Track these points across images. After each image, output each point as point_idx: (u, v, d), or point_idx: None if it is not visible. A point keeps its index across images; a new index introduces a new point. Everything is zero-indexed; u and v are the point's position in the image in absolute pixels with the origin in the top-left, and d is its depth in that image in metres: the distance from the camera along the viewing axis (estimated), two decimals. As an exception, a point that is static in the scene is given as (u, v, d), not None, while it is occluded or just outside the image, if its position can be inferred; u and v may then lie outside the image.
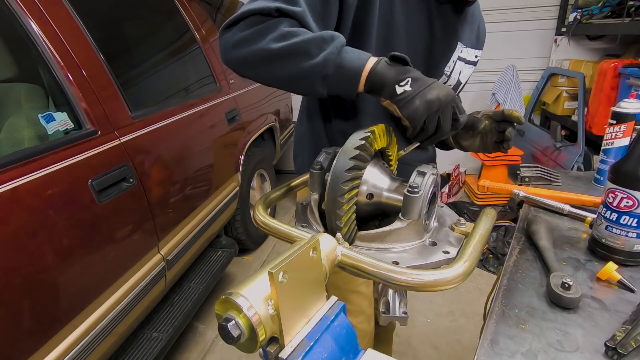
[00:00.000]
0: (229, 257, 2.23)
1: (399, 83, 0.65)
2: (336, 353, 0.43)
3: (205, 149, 1.99)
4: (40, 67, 1.25)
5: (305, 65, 0.67)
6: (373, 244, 0.64)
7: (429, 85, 0.65)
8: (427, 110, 0.64)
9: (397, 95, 0.65)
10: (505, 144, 0.87)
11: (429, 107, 0.64)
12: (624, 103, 1.02)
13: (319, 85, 0.69)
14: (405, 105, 0.65)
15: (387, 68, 0.66)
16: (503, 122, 0.86)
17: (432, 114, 0.65)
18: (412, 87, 0.65)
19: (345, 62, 0.67)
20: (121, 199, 1.35)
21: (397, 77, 0.65)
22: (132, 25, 1.84)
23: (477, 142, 0.91)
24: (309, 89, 0.71)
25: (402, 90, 0.65)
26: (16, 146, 1.15)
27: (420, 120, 0.65)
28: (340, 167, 0.62)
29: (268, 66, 0.69)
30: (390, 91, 0.66)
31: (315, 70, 0.67)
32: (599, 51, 3.17)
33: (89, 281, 1.23)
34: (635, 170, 0.68)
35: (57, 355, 1.09)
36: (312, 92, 0.72)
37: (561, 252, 0.81)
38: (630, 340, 0.54)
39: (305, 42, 0.67)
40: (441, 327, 2.07)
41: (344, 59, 0.67)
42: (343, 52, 0.67)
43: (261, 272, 0.41)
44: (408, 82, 0.65)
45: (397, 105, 0.66)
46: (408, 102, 0.65)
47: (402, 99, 0.65)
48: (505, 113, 0.84)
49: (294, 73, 0.69)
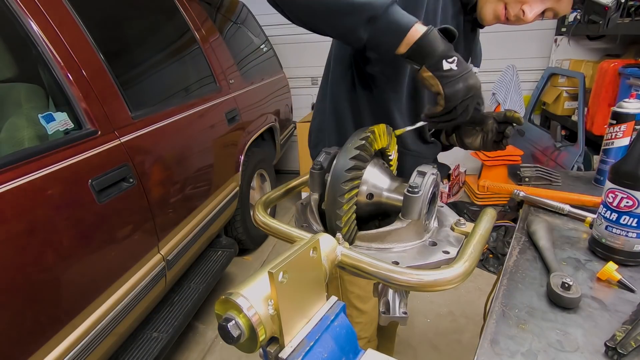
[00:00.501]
0: (229, 257, 2.23)
1: (447, 59, 0.65)
2: (336, 353, 0.43)
3: (205, 149, 1.99)
4: (40, 67, 1.25)
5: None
6: (373, 244, 0.64)
7: (469, 71, 0.66)
8: (465, 94, 0.66)
9: (442, 70, 0.65)
10: (505, 140, 0.93)
11: (468, 91, 0.66)
12: (624, 103, 1.02)
13: (362, 26, 0.66)
14: (449, 84, 0.65)
15: (439, 39, 0.65)
16: (504, 123, 0.93)
17: (467, 99, 0.66)
18: (458, 68, 0.65)
19: (396, 14, 0.66)
20: (121, 199, 1.35)
21: (447, 52, 0.65)
22: (132, 25, 1.83)
23: (478, 140, 0.97)
24: (350, 28, 0.67)
25: (448, 67, 0.65)
26: (16, 146, 1.15)
27: (457, 102, 0.66)
28: (340, 167, 0.62)
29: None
30: (436, 63, 0.65)
31: (365, 8, 0.64)
32: (599, 51, 3.17)
33: (89, 281, 1.23)
34: (635, 170, 0.68)
35: (57, 355, 1.09)
36: (351, 32, 0.68)
37: (561, 252, 0.81)
38: (630, 340, 0.54)
39: None
40: (441, 327, 2.07)
41: (396, 10, 0.66)
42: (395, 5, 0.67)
43: (261, 272, 0.41)
44: (454, 60, 0.65)
45: (441, 80, 0.66)
46: (453, 82, 0.65)
47: (448, 76, 0.65)
48: (507, 115, 0.91)
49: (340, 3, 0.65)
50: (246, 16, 3.10)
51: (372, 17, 0.65)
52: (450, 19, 0.89)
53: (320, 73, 1.02)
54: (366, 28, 0.66)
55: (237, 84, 2.44)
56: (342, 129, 0.98)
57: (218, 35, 2.43)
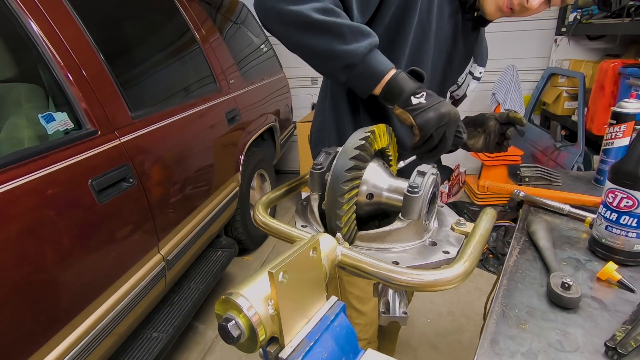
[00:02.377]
0: (229, 257, 2.23)
1: (415, 95, 0.70)
2: (336, 353, 0.43)
3: (205, 149, 1.99)
4: (40, 67, 1.25)
5: (337, 47, 0.69)
6: (373, 244, 0.64)
7: (441, 101, 0.70)
8: (438, 122, 0.69)
9: (411, 105, 0.70)
10: (506, 142, 0.93)
11: (440, 119, 0.69)
12: (624, 103, 1.02)
13: (340, 71, 0.72)
14: (419, 114, 0.69)
15: (407, 80, 0.71)
16: (506, 125, 0.93)
17: (440, 126, 0.69)
18: (427, 100, 0.70)
19: (372, 61, 0.71)
20: (121, 199, 1.35)
21: (414, 90, 0.70)
22: (132, 25, 1.83)
23: (480, 141, 0.97)
24: (330, 71, 0.74)
25: (417, 102, 0.70)
26: (16, 146, 1.15)
27: (431, 130, 0.69)
28: (340, 167, 0.62)
29: (301, 32, 0.71)
30: (405, 100, 0.70)
31: (344, 56, 0.69)
32: (599, 51, 3.17)
33: (89, 281, 1.23)
34: (635, 170, 0.68)
35: (57, 355, 1.09)
36: (330, 74, 0.75)
37: (561, 252, 0.81)
38: (630, 340, 0.54)
39: (345, 26, 0.69)
40: (441, 327, 2.07)
41: (373, 58, 0.71)
42: (374, 52, 0.71)
43: (261, 272, 0.41)
44: (423, 95, 0.70)
45: (411, 113, 0.70)
46: (423, 112, 0.69)
47: (417, 108, 0.70)
48: (510, 116, 0.91)
49: (322, 50, 0.70)
50: (246, 16, 3.10)
51: (349, 65, 0.70)
52: (447, 19, 0.89)
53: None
54: (344, 73, 0.72)
55: (237, 84, 2.44)
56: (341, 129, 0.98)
57: (218, 35, 2.43)
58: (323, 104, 1.03)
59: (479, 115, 0.98)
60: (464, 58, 0.99)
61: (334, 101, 0.99)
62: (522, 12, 0.83)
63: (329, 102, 1.00)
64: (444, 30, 0.90)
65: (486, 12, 0.87)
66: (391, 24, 0.83)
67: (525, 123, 0.91)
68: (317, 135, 1.06)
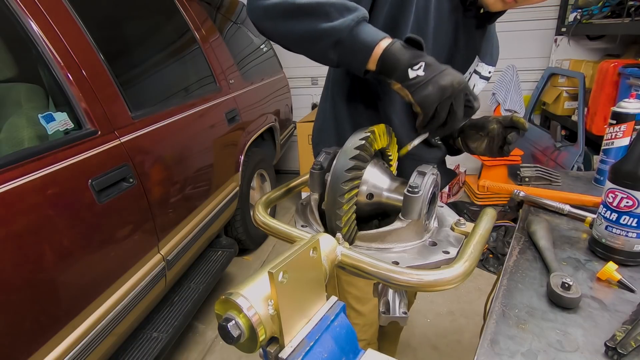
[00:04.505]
0: (229, 257, 2.23)
1: (412, 67, 0.64)
2: (336, 353, 0.43)
3: (205, 149, 1.99)
4: (40, 67, 1.25)
5: (322, 26, 0.67)
6: (373, 244, 0.64)
7: (443, 71, 0.63)
8: (439, 96, 0.63)
9: (409, 80, 0.64)
10: (507, 147, 0.89)
11: (442, 93, 0.63)
12: (624, 103, 1.02)
13: (330, 49, 0.69)
14: (417, 91, 0.64)
15: (402, 50, 0.65)
16: (509, 128, 0.89)
17: (444, 100, 0.63)
18: (426, 72, 0.63)
19: (360, 33, 0.67)
20: (121, 199, 1.35)
21: (411, 61, 0.64)
22: (132, 25, 1.83)
23: (484, 145, 0.94)
24: (320, 53, 0.71)
25: (414, 75, 0.64)
26: (16, 146, 1.14)
27: (433, 107, 0.64)
28: (340, 167, 0.62)
29: (287, 20, 0.69)
30: (402, 74, 0.65)
31: (330, 33, 0.67)
32: (599, 51, 3.17)
33: (89, 281, 1.23)
34: (635, 170, 0.68)
35: (57, 355, 1.09)
36: (323, 56, 0.72)
37: (561, 252, 0.81)
38: (630, 340, 0.54)
39: (329, 4, 0.67)
40: (441, 327, 2.07)
41: (361, 30, 0.67)
42: (362, 24, 0.67)
43: (261, 272, 0.41)
44: (421, 66, 0.63)
45: (409, 89, 0.65)
46: (420, 87, 0.63)
47: (415, 83, 0.64)
48: (513, 119, 0.87)
49: (309, 32, 0.68)
50: (246, 16, 3.10)
51: (337, 41, 0.67)
52: (447, 17, 0.85)
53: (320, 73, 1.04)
54: (334, 51, 0.69)
55: (237, 84, 2.44)
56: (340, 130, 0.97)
57: (218, 35, 2.43)
58: (324, 104, 1.02)
59: (481, 118, 0.95)
60: (467, 57, 0.95)
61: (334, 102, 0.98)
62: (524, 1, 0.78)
63: (329, 102, 0.99)
64: (444, 28, 0.86)
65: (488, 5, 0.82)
66: (386, 23, 0.80)
67: (527, 128, 0.88)
68: (317, 135, 1.06)
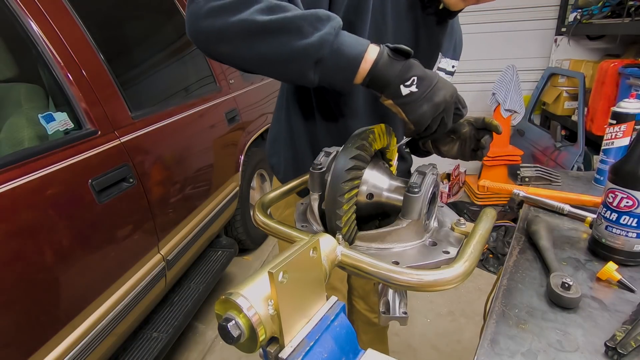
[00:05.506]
0: (229, 257, 2.23)
1: (404, 83, 0.60)
2: (336, 353, 0.43)
3: (205, 149, 1.99)
4: (40, 67, 1.25)
5: (297, 44, 0.59)
6: (373, 244, 0.64)
7: (435, 85, 0.61)
8: (434, 112, 0.62)
9: (402, 97, 0.61)
10: (480, 152, 0.86)
11: (436, 109, 0.61)
12: (624, 103, 1.02)
13: (310, 69, 0.61)
14: (412, 110, 0.61)
15: (391, 64, 0.60)
16: (482, 130, 0.85)
17: (437, 115, 0.63)
18: (419, 89, 0.60)
19: (343, 47, 0.60)
20: (121, 199, 1.35)
21: (402, 76, 0.60)
22: (132, 25, 1.83)
23: (455, 148, 0.90)
24: (298, 74, 0.62)
25: (407, 92, 0.60)
26: (16, 146, 1.15)
27: (427, 123, 0.63)
28: (341, 167, 0.62)
29: (251, 41, 0.60)
30: (394, 91, 0.61)
31: (309, 52, 0.59)
32: (599, 51, 3.17)
33: (89, 281, 1.23)
34: (635, 170, 0.68)
35: (57, 355, 1.09)
36: (300, 77, 0.63)
37: (561, 252, 0.81)
38: (630, 340, 0.54)
39: (299, 18, 0.59)
40: (441, 327, 2.07)
41: (342, 42, 0.60)
42: (340, 35, 0.61)
43: (261, 272, 0.41)
44: (414, 81, 0.60)
45: (403, 108, 0.62)
46: (415, 106, 0.61)
47: (409, 102, 0.61)
48: (486, 121, 0.83)
49: (282, 52, 0.60)
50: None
51: (318, 60, 0.60)
52: (405, 15, 0.81)
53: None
54: (315, 71, 0.61)
55: (237, 84, 2.44)
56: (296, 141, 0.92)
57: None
58: (279, 112, 0.97)
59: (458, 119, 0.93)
60: (430, 55, 0.90)
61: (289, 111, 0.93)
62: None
63: (284, 111, 0.94)
64: (403, 28, 0.81)
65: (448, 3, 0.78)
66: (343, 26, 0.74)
67: (501, 131, 0.83)
68: (271, 146, 1.01)
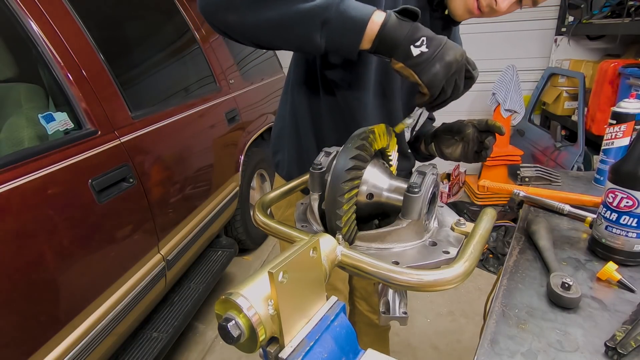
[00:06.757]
0: (229, 257, 2.23)
1: (414, 43, 0.59)
2: (336, 353, 0.43)
3: (205, 149, 1.99)
4: (40, 67, 1.25)
5: (303, 6, 0.58)
6: (373, 244, 0.64)
7: (445, 45, 0.60)
8: (446, 73, 0.60)
9: (413, 58, 0.60)
10: (484, 152, 0.87)
11: (448, 69, 0.60)
12: (624, 103, 1.02)
13: (316, 32, 0.60)
14: (424, 70, 0.60)
15: (399, 25, 0.59)
16: (485, 132, 0.86)
17: (451, 76, 0.61)
18: (429, 48, 0.59)
19: (349, 9, 0.59)
20: (121, 199, 1.35)
21: (412, 36, 0.59)
22: (132, 25, 1.83)
23: (458, 150, 0.91)
24: (304, 38, 0.62)
25: (418, 52, 0.59)
26: (16, 146, 1.15)
27: (440, 85, 0.61)
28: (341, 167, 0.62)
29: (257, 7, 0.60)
30: (404, 52, 0.60)
31: (315, 12, 0.58)
32: (599, 51, 3.17)
33: (89, 281, 1.23)
34: (635, 170, 0.68)
35: (57, 355, 1.09)
36: (307, 42, 0.62)
37: (561, 252, 0.81)
38: (630, 340, 0.54)
39: None
40: (441, 327, 2.07)
41: (348, 5, 0.60)
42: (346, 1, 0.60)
43: (261, 272, 0.41)
44: (423, 41, 0.59)
45: (415, 69, 0.60)
46: (427, 66, 0.59)
47: (421, 62, 0.59)
48: (489, 123, 0.84)
49: (288, 15, 0.59)
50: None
51: (324, 21, 0.59)
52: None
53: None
54: (321, 33, 0.61)
55: (237, 84, 2.44)
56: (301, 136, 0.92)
57: (218, 35, 2.43)
58: (283, 109, 0.97)
59: (456, 122, 0.91)
60: None
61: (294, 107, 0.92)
62: (491, 13, 0.77)
63: (289, 106, 0.94)
64: None
65: (454, 13, 0.81)
66: None
67: (504, 132, 0.84)
68: (276, 142, 1.00)
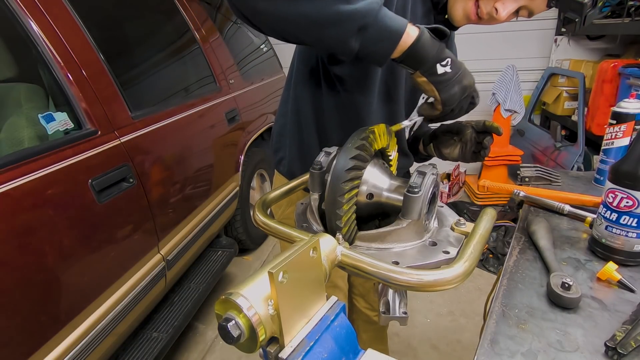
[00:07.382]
0: (229, 257, 2.23)
1: (440, 62, 0.63)
2: (336, 353, 0.43)
3: (205, 149, 1.99)
4: (40, 67, 1.25)
5: (344, 8, 0.58)
6: (373, 244, 0.64)
7: (463, 70, 0.66)
8: (461, 95, 0.66)
9: (437, 75, 0.64)
10: (483, 152, 0.89)
11: (463, 92, 0.66)
12: (624, 103, 1.02)
13: (352, 37, 0.61)
14: (445, 89, 0.65)
15: (431, 42, 0.63)
16: (483, 133, 0.89)
17: (463, 99, 0.67)
18: (452, 69, 0.64)
19: (386, 18, 0.61)
20: (121, 199, 1.35)
21: (439, 55, 0.63)
22: (132, 25, 1.83)
23: (457, 150, 0.93)
24: (338, 39, 0.61)
25: (443, 71, 0.63)
26: (16, 146, 1.15)
27: (454, 104, 0.66)
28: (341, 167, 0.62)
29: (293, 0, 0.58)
30: (430, 69, 0.64)
31: (355, 17, 0.59)
32: (599, 51, 3.17)
33: (89, 281, 1.23)
34: (635, 170, 0.68)
35: (57, 355, 1.09)
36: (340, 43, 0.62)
37: (561, 252, 0.81)
38: (630, 340, 0.54)
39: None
40: (441, 327, 2.07)
41: (385, 14, 0.61)
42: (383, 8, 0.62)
43: (261, 272, 0.41)
44: (448, 62, 0.63)
45: (437, 86, 0.65)
46: (448, 86, 0.64)
47: (443, 80, 0.64)
48: (487, 124, 0.87)
49: (326, 13, 0.58)
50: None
51: (362, 26, 0.60)
52: (420, 19, 0.85)
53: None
54: (357, 38, 0.61)
55: (237, 84, 2.44)
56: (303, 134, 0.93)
57: (218, 35, 2.43)
58: (285, 107, 0.97)
59: (455, 123, 0.93)
60: None
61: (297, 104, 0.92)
62: (490, 21, 0.80)
63: (291, 104, 0.94)
64: None
65: (454, 19, 0.84)
66: None
67: (502, 132, 0.87)
68: (277, 140, 1.01)
